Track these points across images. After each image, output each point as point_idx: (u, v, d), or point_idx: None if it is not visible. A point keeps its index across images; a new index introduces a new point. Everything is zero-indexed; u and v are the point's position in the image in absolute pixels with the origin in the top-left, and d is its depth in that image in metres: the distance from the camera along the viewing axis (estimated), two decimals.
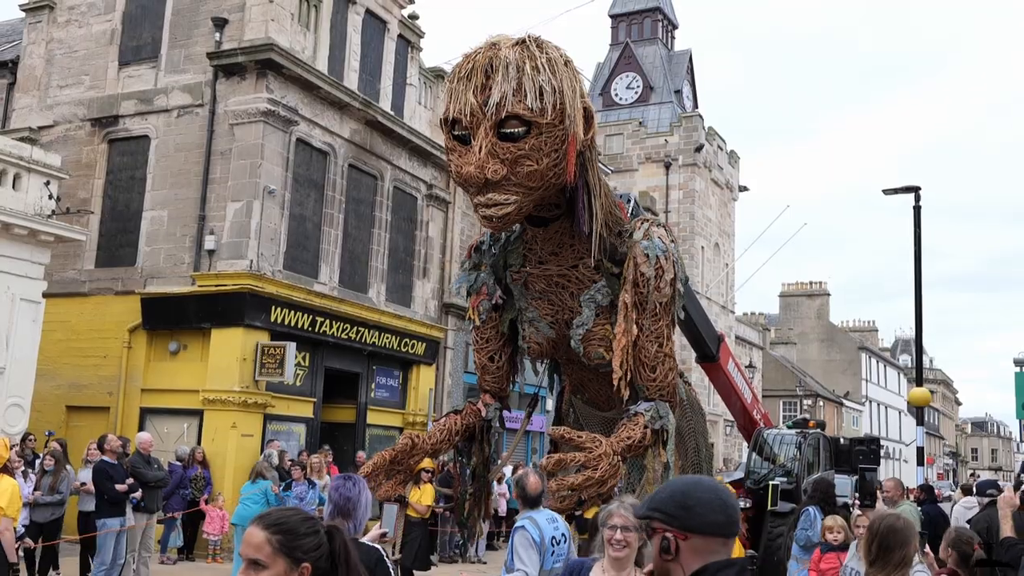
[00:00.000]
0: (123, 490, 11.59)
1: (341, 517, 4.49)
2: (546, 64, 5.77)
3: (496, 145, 5.73)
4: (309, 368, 17.89)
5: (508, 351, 7.70)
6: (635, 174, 38.44)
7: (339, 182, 18.82)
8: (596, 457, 6.31)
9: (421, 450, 7.21)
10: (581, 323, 6.98)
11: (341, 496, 4.54)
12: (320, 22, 18.51)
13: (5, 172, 14.11)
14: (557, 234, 6.79)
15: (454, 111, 5.86)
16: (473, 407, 7.69)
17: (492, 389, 7.78)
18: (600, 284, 6.95)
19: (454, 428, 7.48)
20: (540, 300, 7.15)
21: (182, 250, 17.21)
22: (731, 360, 14.97)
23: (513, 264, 7.27)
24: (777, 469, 16.02)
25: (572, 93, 5.89)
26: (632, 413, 6.95)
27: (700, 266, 37.69)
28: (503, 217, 5.91)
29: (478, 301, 7.51)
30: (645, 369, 6.94)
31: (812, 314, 62.73)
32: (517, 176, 5.79)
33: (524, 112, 5.68)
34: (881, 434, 64.03)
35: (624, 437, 6.72)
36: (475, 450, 7.76)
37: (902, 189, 19.93)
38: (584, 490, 6.26)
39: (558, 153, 5.87)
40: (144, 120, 18.09)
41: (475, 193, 5.91)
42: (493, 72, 5.72)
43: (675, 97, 42.11)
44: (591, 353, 7.03)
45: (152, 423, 16.71)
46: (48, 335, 15.44)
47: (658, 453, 6.97)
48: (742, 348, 43.00)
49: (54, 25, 19.65)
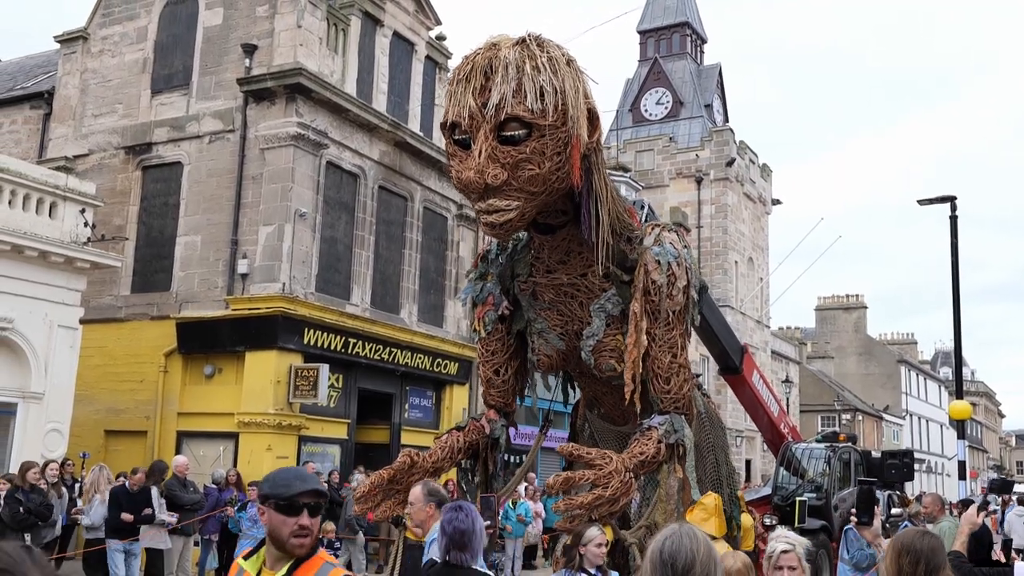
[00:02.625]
0: (127, 519, 11.63)
1: (457, 550, 4.45)
2: (547, 63, 5.54)
3: (496, 149, 5.52)
4: (343, 389, 17.93)
5: (515, 364, 7.39)
6: (666, 190, 38.33)
7: (369, 204, 18.92)
8: (607, 475, 6.05)
9: (421, 468, 6.91)
10: (591, 334, 6.71)
11: (456, 529, 4.47)
12: (348, 45, 18.67)
13: (42, 201, 14.33)
14: (565, 242, 6.54)
15: (453, 114, 5.66)
16: (476, 423, 7.36)
17: (497, 404, 7.46)
18: (610, 293, 6.68)
19: (456, 446, 7.14)
20: (549, 310, 6.90)
21: (215, 274, 17.37)
22: (756, 372, 14.67)
23: (520, 274, 7.00)
24: (806, 484, 15.69)
25: (575, 93, 5.66)
26: (645, 427, 6.67)
27: (734, 281, 37.41)
28: (505, 224, 5.68)
29: (484, 312, 7.24)
30: (659, 381, 6.67)
31: (849, 327, 61.97)
32: (518, 181, 5.57)
33: (524, 114, 5.47)
34: (923, 448, 62.99)
35: (637, 453, 6.44)
36: (479, 469, 7.43)
37: (938, 199, 19.63)
38: (595, 509, 6.02)
39: (561, 156, 5.64)
40: (176, 147, 18.32)
41: (476, 199, 5.70)
42: (493, 73, 5.51)
43: (705, 112, 41.98)
44: (602, 365, 6.76)
45: (188, 446, 16.82)
46: (85, 361, 15.61)
47: (673, 469, 6.68)
48: (778, 363, 42.55)
49: (88, 55, 20.00)
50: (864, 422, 52.59)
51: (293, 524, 2.89)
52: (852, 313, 62.39)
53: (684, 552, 2.46)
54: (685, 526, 2.58)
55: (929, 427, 66.17)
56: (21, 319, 13.75)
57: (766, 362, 40.22)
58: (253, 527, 12.22)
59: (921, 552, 3.29)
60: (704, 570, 2.46)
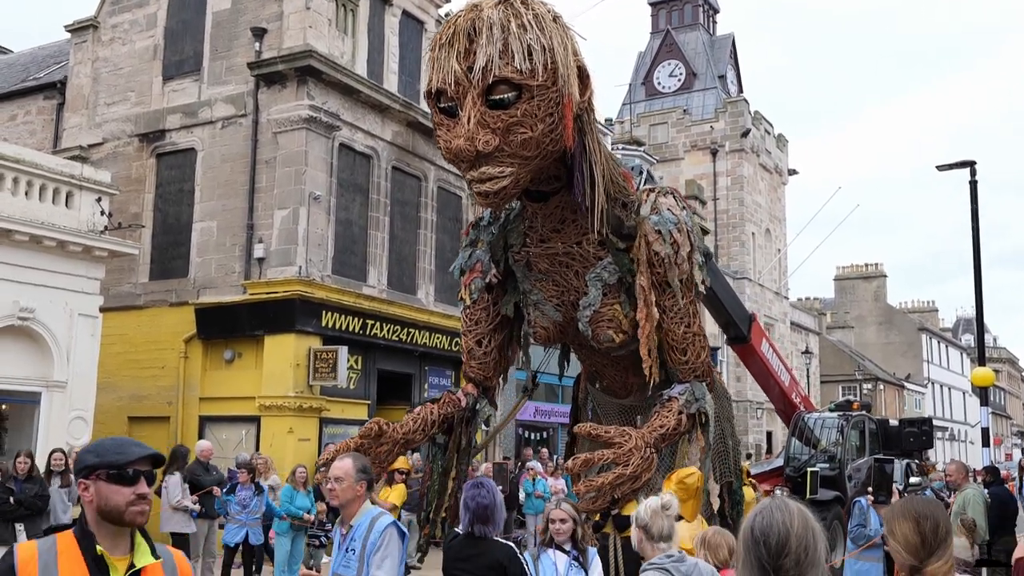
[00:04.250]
0: None
1: (480, 523, 4.72)
2: (533, 21, 5.24)
3: (486, 114, 5.24)
4: (362, 371, 18.00)
5: (499, 337, 7.09)
6: (681, 162, 38.12)
7: (383, 185, 18.91)
8: (627, 452, 5.90)
9: (390, 439, 6.54)
10: (588, 304, 6.46)
11: (479, 505, 4.73)
12: (357, 26, 18.59)
13: (58, 191, 14.40)
14: (558, 209, 6.26)
15: (437, 81, 5.37)
16: (452, 396, 7.05)
17: (476, 377, 7.12)
18: (606, 261, 6.42)
19: (429, 419, 6.81)
20: (544, 281, 6.64)
21: (232, 259, 17.43)
22: (764, 340, 14.34)
23: (514, 244, 6.73)
24: (819, 455, 15.41)
25: (564, 51, 5.36)
26: (665, 398, 6.47)
27: (752, 252, 37.23)
28: (499, 192, 5.41)
29: (471, 279, 6.97)
30: (675, 352, 6.49)
31: (869, 297, 61.62)
32: (510, 146, 5.29)
33: (513, 75, 5.19)
34: (946, 416, 62.73)
35: (657, 426, 6.26)
36: (451, 444, 7.07)
37: (957, 164, 19.38)
38: (617, 488, 5.88)
39: (553, 117, 5.34)
40: (190, 133, 18.35)
41: (467, 168, 5.43)
42: (477, 35, 5.21)
43: (719, 83, 41.65)
44: (600, 335, 6.52)
45: (211, 431, 16.95)
46: (107, 348, 15.72)
47: (696, 438, 6.51)
48: (798, 334, 42.39)
49: (99, 44, 20.02)
50: (885, 391, 52.38)
51: (130, 494, 2.67)
52: (871, 282, 62.00)
53: (776, 527, 2.29)
54: (776, 499, 2.41)
55: (952, 395, 65.86)
56: (42, 309, 13.85)
57: (785, 333, 40.08)
58: (242, 511, 12.02)
59: (939, 517, 3.14)
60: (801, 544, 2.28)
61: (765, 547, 2.27)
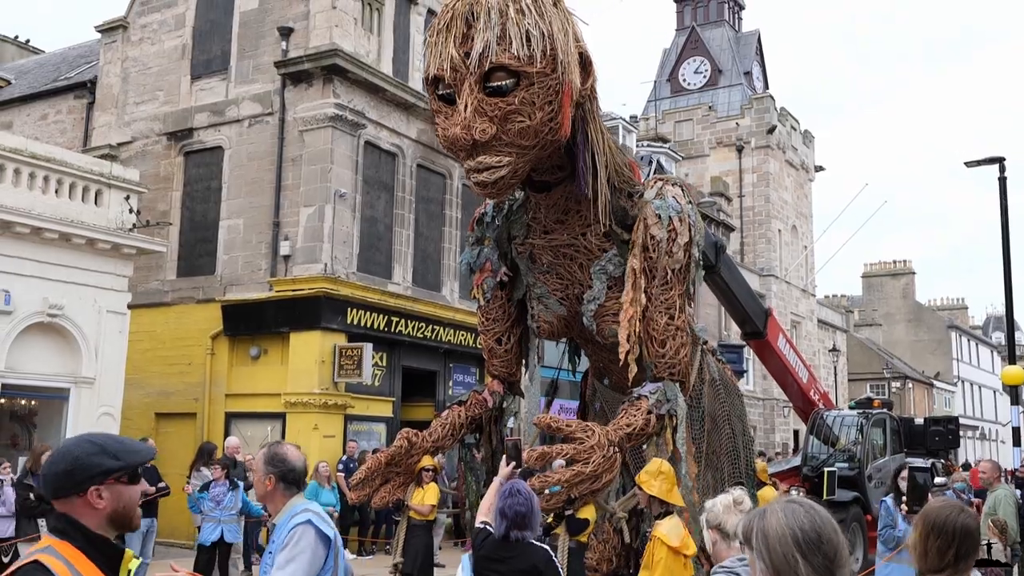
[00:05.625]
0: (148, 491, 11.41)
1: (517, 529, 4.68)
2: (531, 6, 5.07)
3: (483, 101, 5.06)
4: (387, 368, 18.07)
5: (517, 332, 6.96)
6: (707, 159, 37.94)
7: (408, 182, 18.96)
8: (587, 449, 5.53)
9: (420, 449, 6.52)
10: (592, 297, 6.19)
11: (516, 513, 4.68)
12: (383, 25, 18.65)
13: (88, 189, 14.56)
14: (562, 199, 6.03)
15: (435, 68, 5.20)
16: (479, 396, 6.93)
17: (500, 374, 7.02)
18: (611, 253, 6.16)
19: (457, 422, 6.72)
20: (548, 274, 6.41)
21: (259, 257, 17.55)
22: (781, 335, 14.00)
23: (517, 235, 6.50)
24: (838, 454, 15.00)
25: (564, 36, 5.18)
26: (635, 396, 6.10)
27: (778, 249, 36.99)
28: (497, 182, 5.22)
29: (482, 279, 6.80)
30: (654, 344, 6.08)
31: (897, 294, 61.00)
32: (508, 134, 5.10)
33: (511, 62, 5.02)
34: (976, 415, 62.03)
35: (623, 425, 5.90)
36: (483, 443, 6.95)
37: (986, 160, 19.17)
38: (574, 487, 5.52)
39: (552, 105, 5.14)
40: (217, 131, 18.50)
41: (464, 157, 5.27)
42: (475, 20, 5.03)
43: (745, 79, 41.41)
44: (605, 330, 6.22)
45: (237, 427, 17.08)
46: (135, 345, 15.89)
47: (664, 442, 6.06)
48: (825, 331, 42.07)
49: (128, 44, 20.22)
50: (914, 389, 51.87)
51: (138, 493, 2.60)
52: (900, 279, 61.38)
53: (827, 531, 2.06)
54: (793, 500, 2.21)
55: (982, 393, 65.09)
56: (71, 305, 14.02)
57: (812, 331, 39.78)
58: (216, 508, 11.49)
59: (954, 535, 2.88)
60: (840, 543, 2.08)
61: (806, 545, 2.05)
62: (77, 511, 2.51)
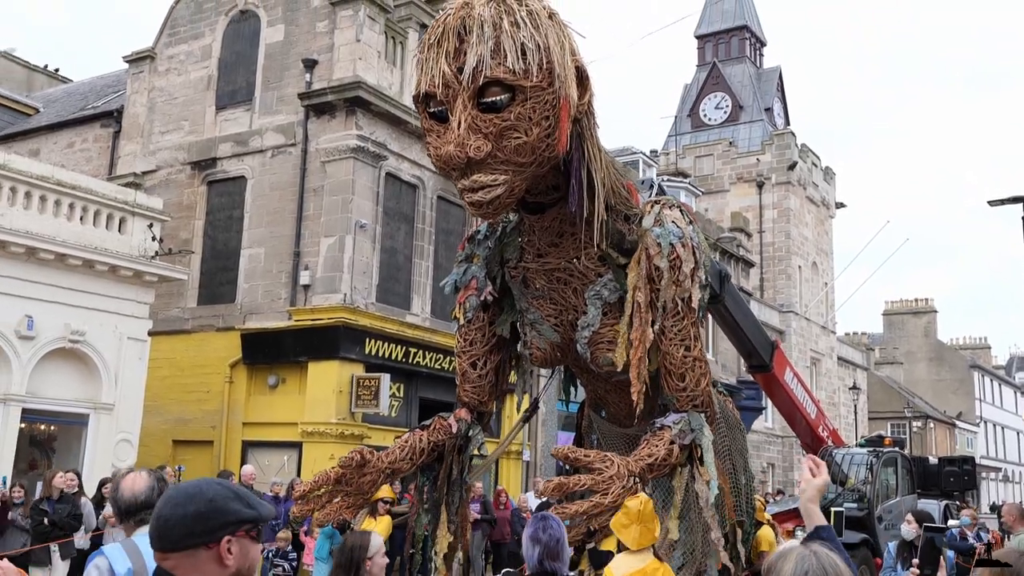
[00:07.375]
0: None
1: (551, 559, 4.56)
2: (527, 18, 4.89)
3: (477, 118, 4.86)
4: (404, 399, 18.06)
5: (495, 358, 6.64)
6: (727, 195, 37.95)
7: (428, 214, 19.06)
8: (607, 480, 5.29)
9: (374, 468, 6.12)
10: (586, 324, 5.96)
11: (551, 537, 4.58)
12: (406, 58, 18.86)
13: (112, 216, 14.73)
14: (556, 222, 5.77)
15: (426, 84, 5.01)
16: (444, 422, 6.58)
17: (470, 401, 6.68)
18: (606, 278, 5.93)
19: (418, 446, 6.36)
20: (541, 299, 6.16)
21: (279, 286, 17.65)
22: (788, 369, 13.63)
23: (510, 259, 6.28)
24: (847, 493, 14.61)
25: (560, 50, 4.99)
26: (657, 427, 5.88)
27: (798, 286, 36.83)
28: (492, 201, 5.01)
29: (465, 296, 6.52)
30: (672, 378, 5.87)
31: (919, 332, 60.51)
32: (504, 152, 4.91)
33: (505, 76, 4.82)
34: (999, 456, 61.21)
35: (645, 455, 5.65)
36: (441, 473, 6.60)
37: (1009, 199, 19.12)
38: (593, 519, 5.32)
39: (549, 121, 4.96)
40: (240, 161, 18.69)
41: (458, 176, 5.04)
42: (467, 34, 4.87)
43: (766, 115, 41.47)
44: (599, 358, 6.00)
45: (254, 456, 17.09)
46: (154, 372, 15.97)
47: (698, 473, 5.84)
48: (845, 369, 41.73)
49: (155, 74, 20.52)
50: (936, 429, 51.27)
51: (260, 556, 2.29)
52: (921, 318, 60.90)
53: None
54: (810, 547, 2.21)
55: (1005, 434, 64.22)
56: (92, 331, 14.13)
57: (832, 368, 39.47)
58: None
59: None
60: None
61: None
62: (200, 567, 2.10)
